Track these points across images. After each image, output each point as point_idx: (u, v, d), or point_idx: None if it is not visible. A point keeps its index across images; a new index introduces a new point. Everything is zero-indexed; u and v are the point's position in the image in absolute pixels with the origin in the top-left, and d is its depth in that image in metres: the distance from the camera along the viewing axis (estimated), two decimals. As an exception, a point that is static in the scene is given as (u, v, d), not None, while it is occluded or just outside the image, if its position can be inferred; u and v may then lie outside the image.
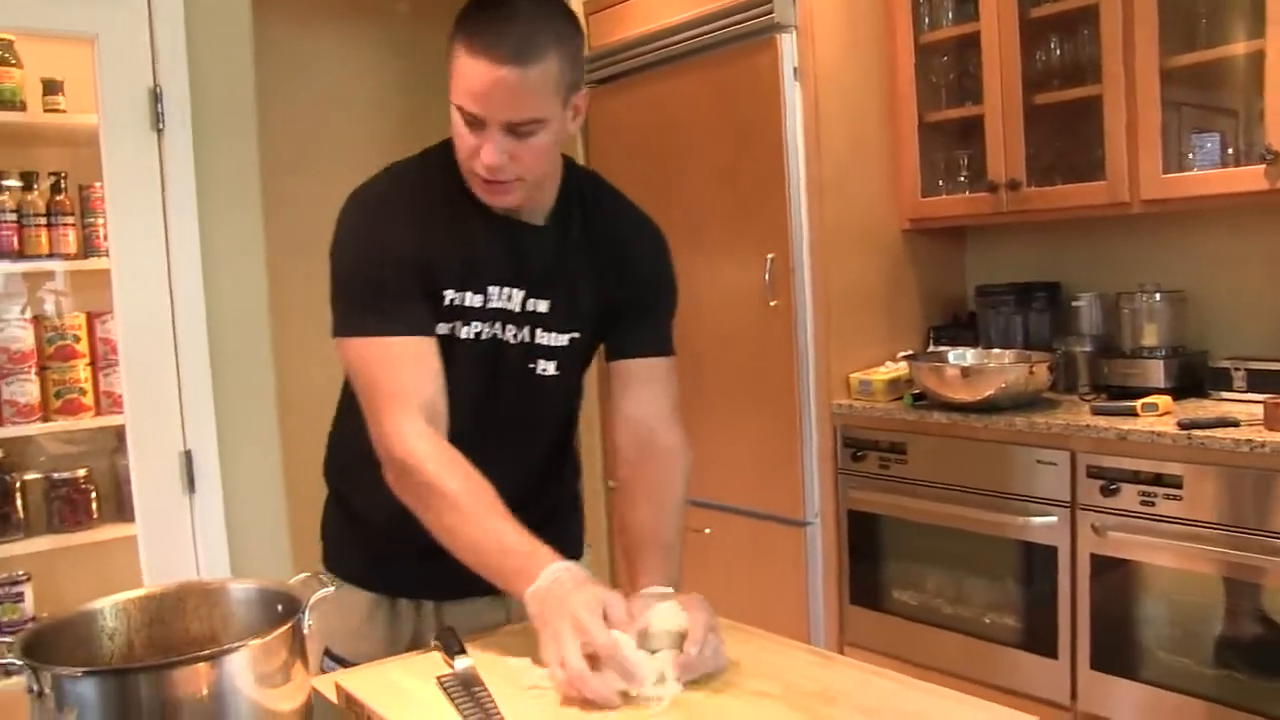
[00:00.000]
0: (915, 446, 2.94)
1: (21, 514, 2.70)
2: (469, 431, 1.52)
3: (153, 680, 1.18)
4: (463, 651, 1.42)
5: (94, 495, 2.78)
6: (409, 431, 1.46)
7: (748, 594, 3.37)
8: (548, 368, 1.60)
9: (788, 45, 3.11)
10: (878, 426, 3.04)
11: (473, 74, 1.39)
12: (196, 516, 2.52)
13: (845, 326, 3.21)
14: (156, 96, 2.41)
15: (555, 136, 1.46)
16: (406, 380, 1.48)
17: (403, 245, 1.50)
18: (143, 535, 2.47)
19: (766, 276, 3.20)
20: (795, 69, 3.11)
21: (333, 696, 1.41)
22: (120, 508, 2.62)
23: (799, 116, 3.13)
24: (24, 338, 2.68)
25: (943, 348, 3.23)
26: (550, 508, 1.69)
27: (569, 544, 1.73)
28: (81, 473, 2.76)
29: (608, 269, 1.62)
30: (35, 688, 1.17)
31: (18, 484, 2.70)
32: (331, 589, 1.36)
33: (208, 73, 2.53)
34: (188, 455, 2.49)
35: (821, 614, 3.19)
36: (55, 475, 2.74)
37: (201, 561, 2.51)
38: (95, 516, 2.78)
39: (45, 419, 2.71)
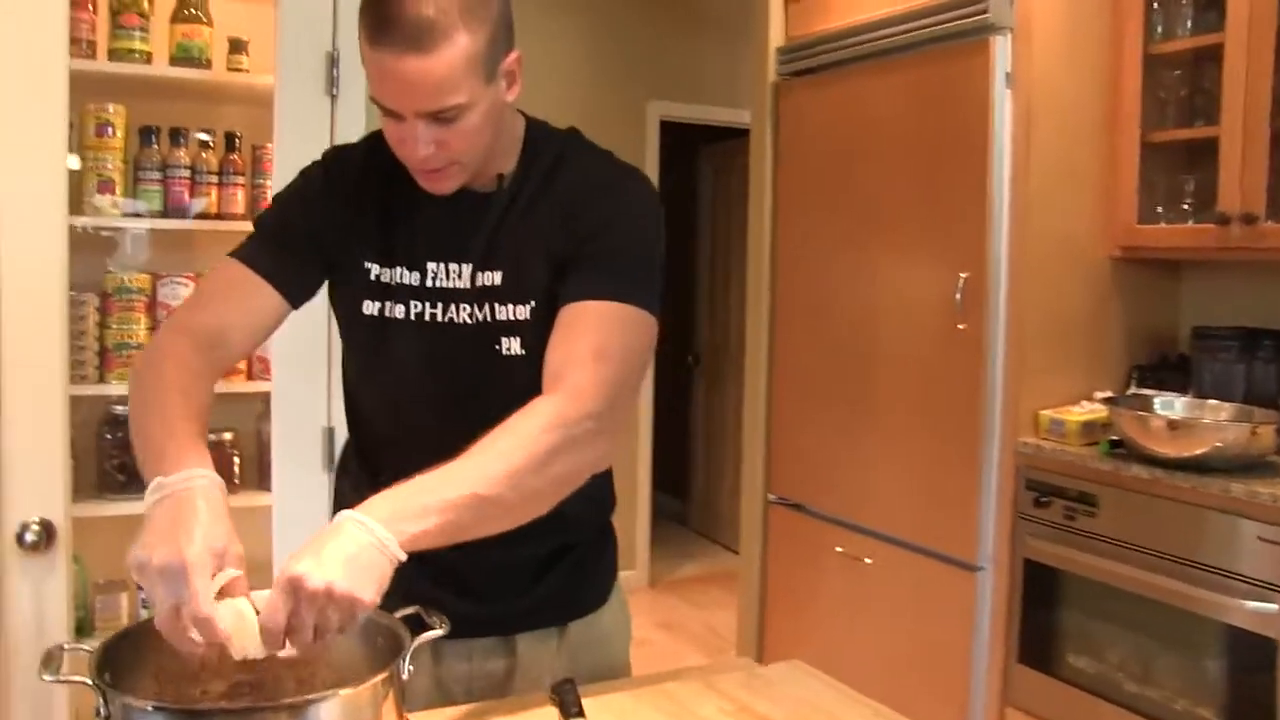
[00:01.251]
0: (1108, 499, 2.66)
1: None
2: (435, 429, 1.32)
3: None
4: (580, 712, 1.28)
5: (237, 460, 2.74)
6: (172, 327, 1.42)
7: (906, 636, 3.14)
8: (512, 345, 1.44)
9: (1001, 48, 2.87)
10: (1067, 472, 2.76)
11: (377, 66, 1.28)
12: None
13: (1039, 358, 2.94)
14: (333, 61, 2.33)
15: (486, 113, 1.34)
16: (213, 295, 1.46)
17: (323, 203, 1.47)
18: (277, 507, 2.41)
19: (957, 296, 2.96)
20: (1008, 74, 2.87)
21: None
22: (262, 475, 2.58)
23: (1008, 126, 2.88)
24: (185, 295, 2.65)
25: (1147, 391, 2.93)
26: (553, 531, 1.40)
27: (588, 587, 1.59)
28: (227, 436, 2.73)
29: (556, 227, 1.44)
30: (103, 711, 1.07)
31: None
32: (442, 631, 1.22)
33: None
34: (330, 431, 2.42)
35: (984, 669, 2.94)
36: (203, 436, 2.71)
37: (336, 542, 2.43)
38: (237, 481, 2.75)
39: (198, 379, 2.69)
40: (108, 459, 2.64)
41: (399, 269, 1.45)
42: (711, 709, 1.36)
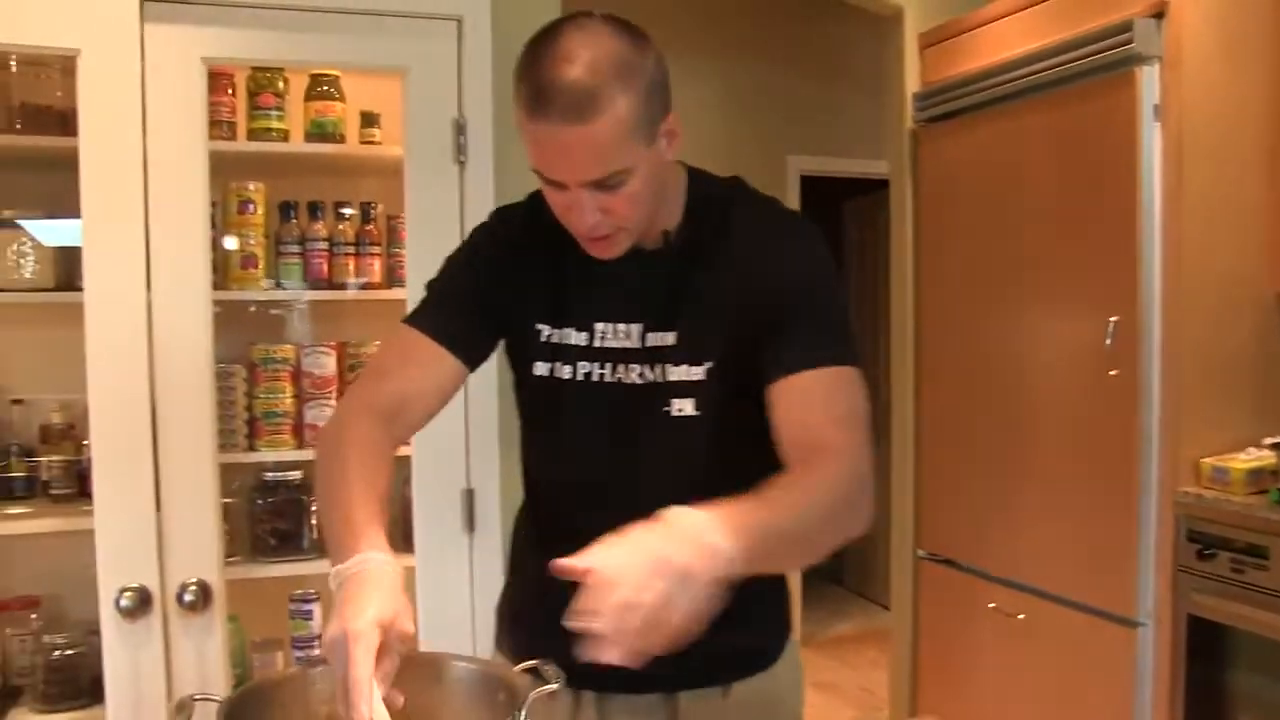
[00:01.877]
0: (1280, 551, 2.50)
1: (315, 535, 2.75)
2: (606, 488, 1.38)
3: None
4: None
5: (381, 524, 2.79)
6: (358, 411, 1.41)
7: (1062, 694, 3.01)
8: (684, 407, 1.41)
9: (1149, 79, 2.77)
10: (1233, 522, 2.61)
11: (536, 138, 1.28)
12: (475, 557, 2.46)
13: (1199, 403, 2.80)
14: (460, 128, 2.39)
15: (649, 176, 1.33)
16: (390, 367, 1.47)
17: (495, 265, 1.49)
18: (420, 569, 2.44)
19: (1108, 341, 2.84)
20: (1156, 106, 2.76)
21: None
22: (405, 538, 2.61)
23: (1157, 160, 2.77)
24: (327, 364, 2.73)
25: (1322, 436, 2.76)
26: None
27: (757, 644, 1.54)
28: (372, 500, 2.78)
29: (736, 285, 1.42)
30: (232, 765, 1.09)
31: (313, 506, 2.75)
32: (556, 686, 1.21)
33: (512, 107, 2.49)
34: (470, 494, 2.45)
35: (1150, 732, 2.78)
36: (348, 500, 2.77)
37: (476, 604, 2.45)
38: (382, 545, 2.79)
39: (342, 444, 2.76)
40: (259, 524, 2.72)
41: (567, 329, 1.45)
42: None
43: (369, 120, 2.76)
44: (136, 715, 2.22)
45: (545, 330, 1.45)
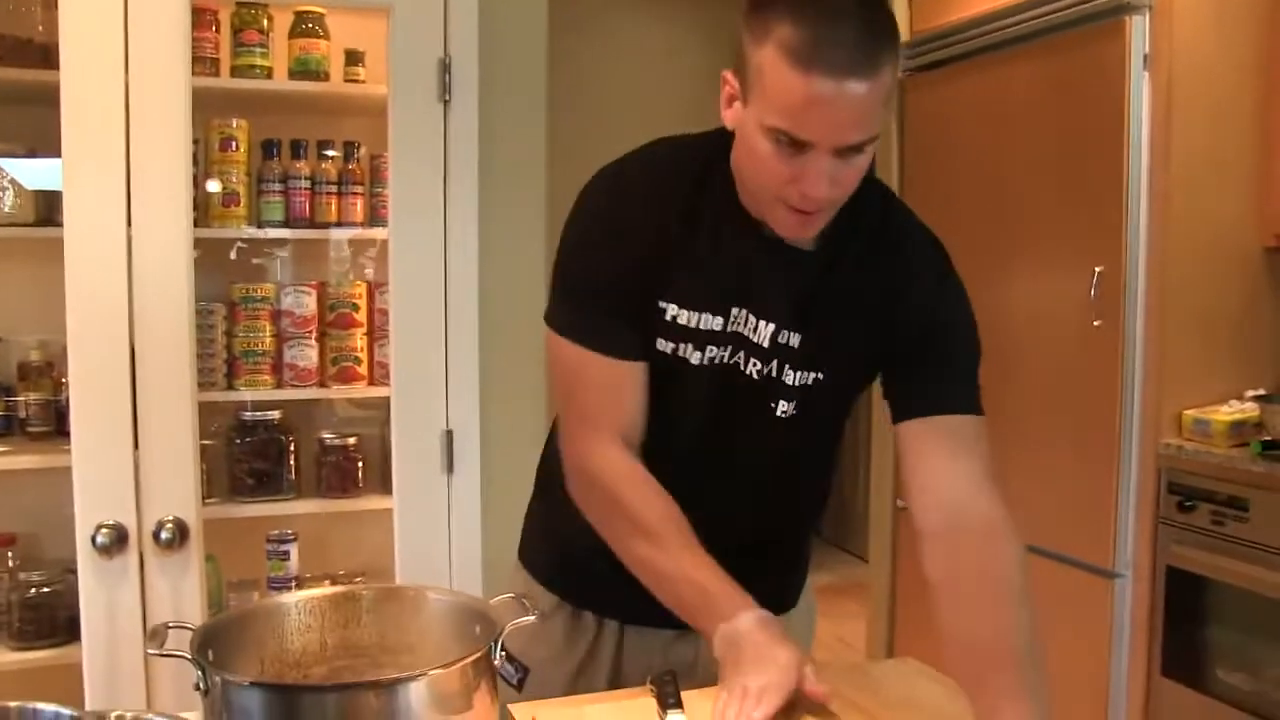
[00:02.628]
0: (1261, 504, 2.52)
1: (293, 475, 2.75)
2: (688, 458, 1.39)
3: (321, 701, 1.08)
4: (679, 705, 1.25)
5: (360, 464, 2.79)
6: (601, 449, 1.39)
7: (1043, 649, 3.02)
8: (786, 409, 1.41)
9: (1139, 29, 2.75)
10: (1213, 475, 2.62)
11: (805, 92, 1.16)
12: (453, 498, 2.46)
13: (1182, 355, 2.80)
14: (445, 67, 2.36)
15: (872, 153, 1.25)
16: (605, 404, 1.39)
17: (632, 253, 1.36)
18: (399, 510, 2.44)
19: (1092, 292, 2.84)
20: (1146, 56, 2.74)
21: (524, 726, 1.28)
22: (385, 479, 2.62)
23: (1146, 111, 2.75)
24: (308, 303, 2.71)
25: (1304, 389, 2.77)
26: (767, 555, 1.50)
27: (780, 588, 1.58)
28: (351, 441, 2.78)
29: (879, 306, 1.39)
30: (203, 686, 1.09)
31: (292, 445, 2.75)
32: (532, 618, 1.23)
33: (499, 46, 2.46)
34: (449, 435, 2.44)
35: (1125, 682, 2.81)
36: (327, 441, 2.77)
37: (454, 544, 2.46)
38: (360, 485, 2.79)
39: (322, 385, 2.75)
40: (237, 464, 2.71)
41: (700, 313, 1.37)
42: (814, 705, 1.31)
43: (353, 58, 2.72)
44: (112, 652, 2.21)
45: (673, 309, 1.37)
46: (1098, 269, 2.82)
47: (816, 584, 1.52)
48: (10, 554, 2.66)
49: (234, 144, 2.64)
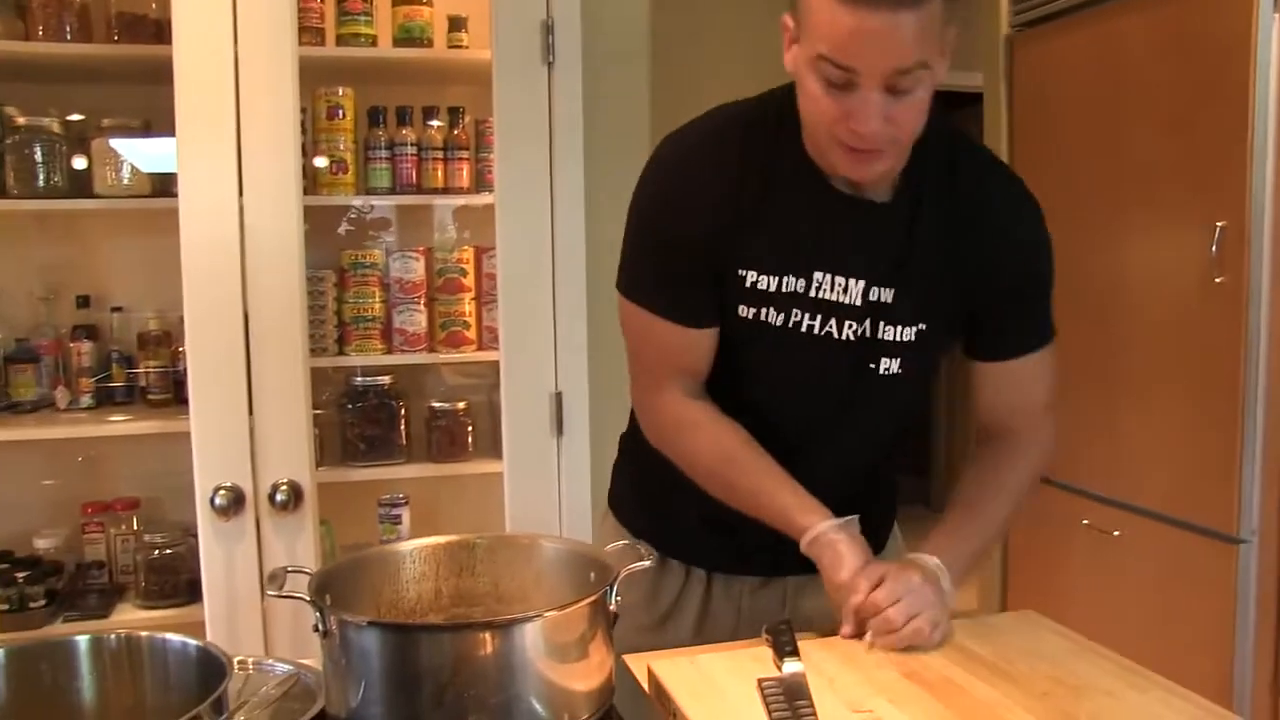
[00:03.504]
0: (1395, 463, 2.40)
1: (404, 440, 2.79)
2: (779, 429, 1.40)
3: (438, 641, 1.09)
4: (795, 653, 1.23)
5: (470, 428, 2.82)
6: (673, 398, 1.44)
7: (1159, 613, 2.93)
8: (891, 365, 1.40)
9: (1268, -30, 2.61)
10: (1345, 435, 2.51)
11: (852, 20, 1.15)
12: (563, 460, 2.47)
13: (1309, 309, 2.68)
14: (548, 29, 2.36)
15: (931, 89, 1.24)
16: (673, 363, 1.43)
17: (702, 220, 1.35)
18: (509, 473, 2.46)
19: (1214, 248, 2.73)
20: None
21: (642, 676, 1.28)
22: (494, 443, 2.64)
23: (1274, 57, 2.62)
24: (416, 269, 2.75)
25: None
26: (860, 503, 1.46)
27: (867, 533, 1.53)
28: (461, 405, 2.81)
29: (972, 254, 1.37)
30: (321, 628, 1.11)
31: (402, 411, 2.79)
32: (648, 563, 1.23)
33: (601, 6, 2.45)
34: (558, 397, 2.45)
35: (1251, 652, 2.71)
36: (436, 405, 2.81)
37: (565, 506, 2.47)
38: (470, 449, 2.82)
39: (430, 350, 2.78)
40: (349, 429, 2.76)
41: (781, 276, 1.35)
42: (932, 654, 1.29)
43: (456, 24, 2.74)
44: (232, 611, 2.27)
45: (752, 276, 1.36)
46: (1220, 224, 2.71)
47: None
48: (134, 517, 2.75)
49: (340, 112, 2.68)
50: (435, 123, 2.82)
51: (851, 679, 1.21)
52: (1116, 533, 3.08)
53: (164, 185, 2.57)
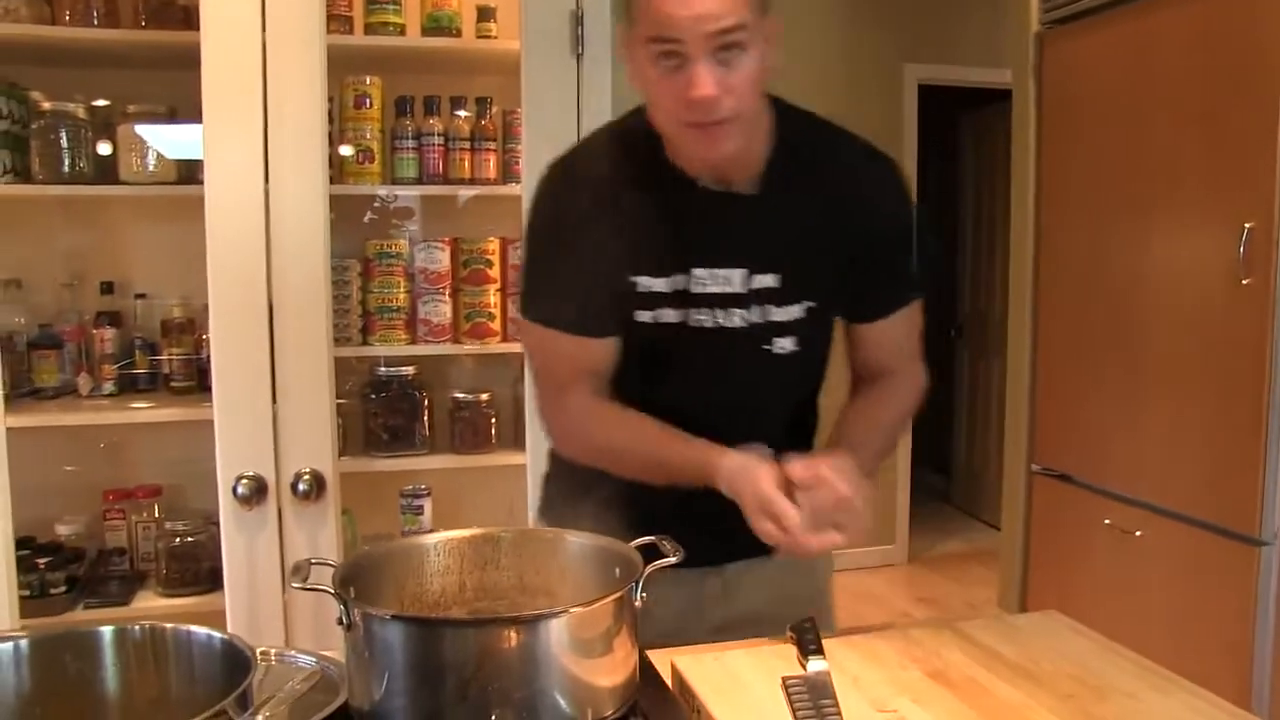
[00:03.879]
0: None
1: (427, 431, 2.79)
2: (693, 419, 1.42)
3: (462, 635, 1.09)
4: (819, 651, 1.23)
5: (493, 419, 2.82)
6: (581, 398, 1.47)
7: (1180, 614, 2.92)
8: (785, 344, 1.48)
9: (1300, -32, 2.59)
10: (1370, 438, 2.48)
11: None
12: (585, 454, 2.46)
13: (1337, 312, 2.65)
14: (578, 19, 2.35)
15: (759, 63, 1.31)
16: (576, 373, 1.47)
17: (588, 232, 1.43)
18: (532, 465, 2.45)
19: (1241, 249, 2.71)
20: (1308, -3, 2.59)
21: (665, 672, 1.27)
22: (517, 434, 2.64)
23: (1306, 57, 2.60)
24: (441, 259, 2.75)
25: None
26: None
27: None
28: (484, 396, 2.81)
29: (840, 224, 1.46)
30: (345, 621, 1.11)
31: (426, 401, 2.79)
32: (674, 559, 1.22)
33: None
34: (581, 391, 2.44)
35: (1271, 655, 2.69)
36: (460, 396, 2.81)
37: (586, 499, 2.46)
38: (493, 441, 2.82)
39: (455, 340, 2.78)
40: (372, 419, 2.77)
41: (665, 278, 1.44)
42: (957, 654, 1.29)
43: (485, 14, 2.73)
44: (253, 599, 2.28)
45: (643, 280, 1.44)
46: (1248, 225, 2.69)
47: (945, 550, 1.51)
48: (156, 504, 2.75)
49: (368, 101, 2.68)
50: (462, 113, 2.81)
51: (876, 677, 1.21)
52: (1139, 533, 3.06)
53: (189, 172, 2.57)
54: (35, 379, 2.70)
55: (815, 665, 1.20)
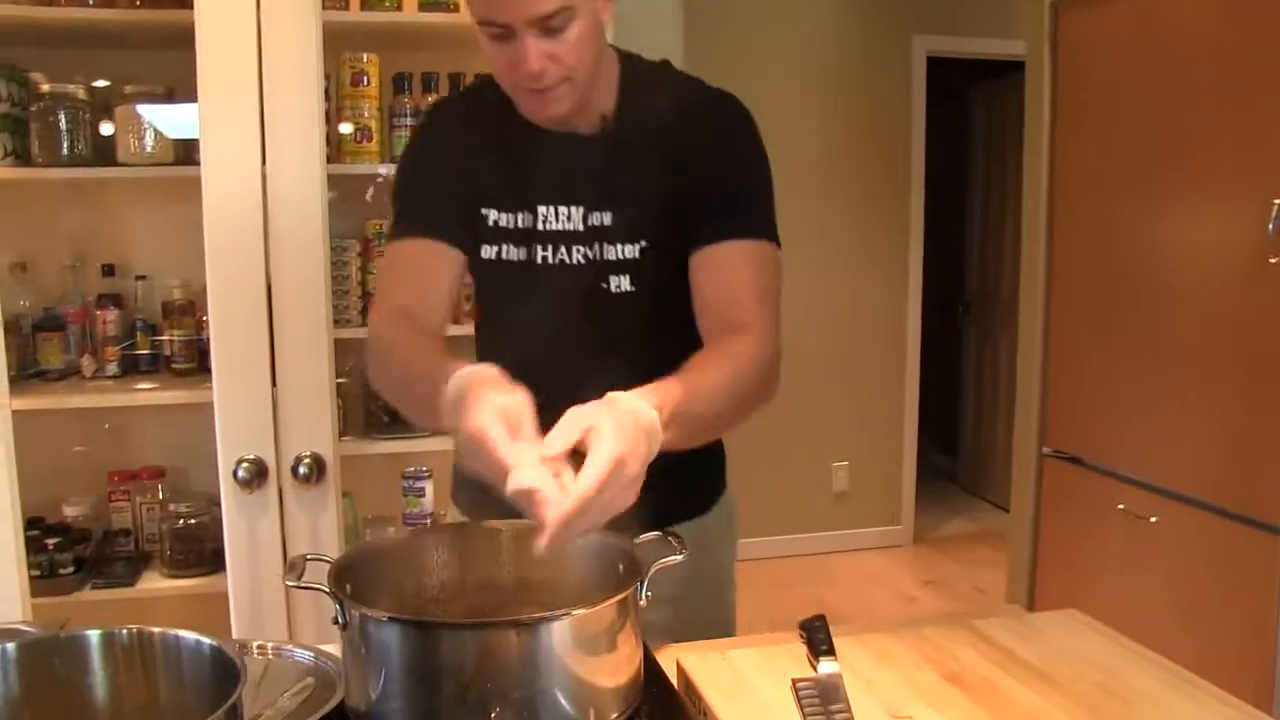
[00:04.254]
0: None
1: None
2: (546, 365, 1.30)
3: (460, 638, 1.05)
4: (830, 651, 1.19)
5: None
6: (391, 316, 1.44)
7: (1196, 605, 2.88)
8: (621, 283, 1.48)
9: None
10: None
11: None
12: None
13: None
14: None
15: (591, 25, 1.35)
16: (406, 280, 1.48)
17: (441, 155, 1.53)
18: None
19: (1270, 226, 2.65)
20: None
21: (671, 671, 1.24)
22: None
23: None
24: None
25: None
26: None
27: (691, 497, 1.62)
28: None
29: (670, 163, 1.46)
30: (340, 620, 1.08)
31: (426, 384, 2.75)
32: (680, 557, 1.18)
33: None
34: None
35: (1291, 645, 2.65)
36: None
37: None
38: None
39: (455, 321, 2.72)
40: (372, 400, 2.73)
41: (511, 214, 1.50)
42: (972, 655, 1.25)
43: (483, -10, 2.67)
44: (255, 582, 2.27)
45: (492, 215, 1.50)
46: (1276, 202, 2.63)
47: (951, 531, 1.47)
48: (160, 486, 2.74)
49: (365, 79, 2.63)
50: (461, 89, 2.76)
51: (889, 679, 1.17)
52: (1153, 519, 3.02)
53: (188, 153, 2.53)
54: (40, 361, 2.68)
55: (826, 667, 1.16)
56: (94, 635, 0.98)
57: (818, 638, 1.22)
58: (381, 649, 1.05)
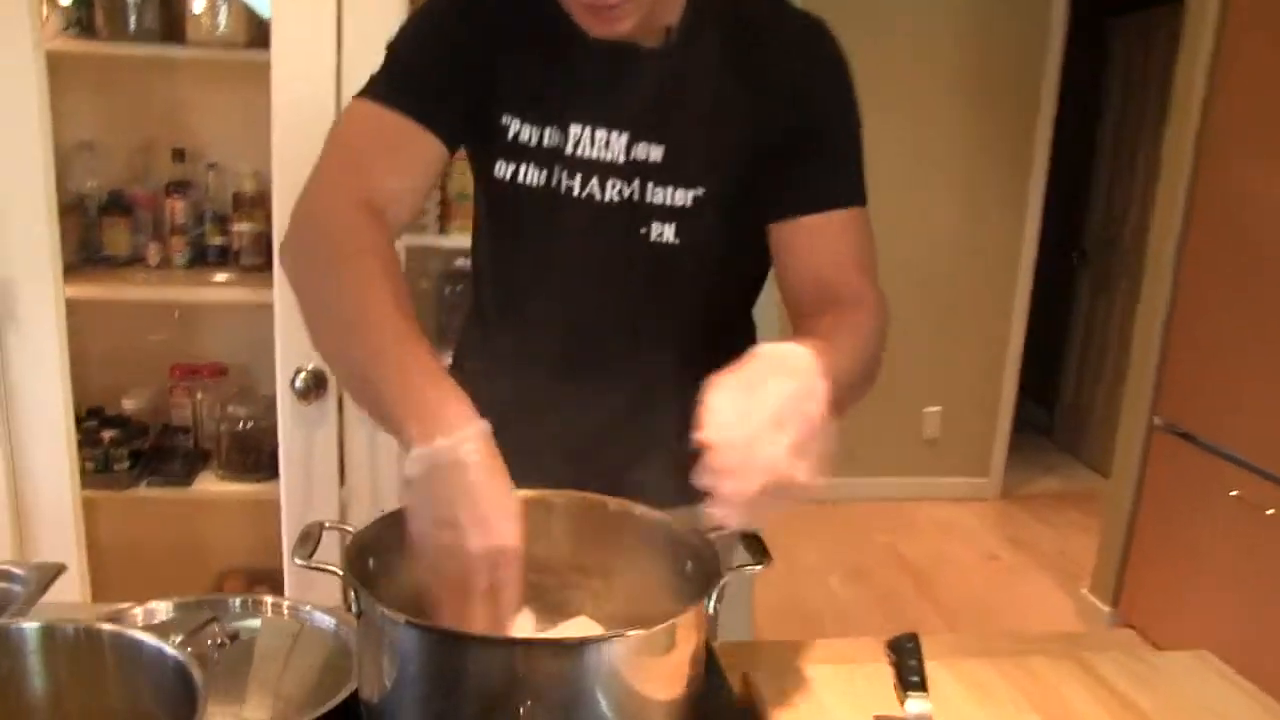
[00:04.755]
0: None
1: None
2: (559, 330, 1.21)
3: (491, 655, 0.89)
4: (922, 685, 1.02)
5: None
6: (340, 200, 1.13)
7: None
8: (664, 232, 1.22)
9: None
10: None
11: None
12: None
13: None
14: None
15: None
16: (364, 154, 1.18)
17: (463, 30, 1.23)
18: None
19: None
20: None
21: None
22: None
23: None
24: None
25: None
26: (669, 432, 1.07)
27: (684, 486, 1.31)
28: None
29: (762, 99, 1.21)
30: (354, 608, 0.93)
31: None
32: (759, 567, 0.99)
33: None
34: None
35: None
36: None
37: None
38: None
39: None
40: (450, 313, 2.60)
41: (536, 127, 1.24)
42: (1084, 696, 1.09)
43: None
44: (309, 492, 2.24)
45: (514, 125, 1.24)
46: None
47: (1040, 489, 1.30)
48: (221, 385, 2.66)
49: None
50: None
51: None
52: (1270, 511, 2.77)
53: (263, 34, 2.37)
54: (105, 245, 2.58)
55: (915, 706, 1.00)
56: (31, 628, 0.86)
57: (908, 664, 1.06)
58: (400, 652, 0.90)
